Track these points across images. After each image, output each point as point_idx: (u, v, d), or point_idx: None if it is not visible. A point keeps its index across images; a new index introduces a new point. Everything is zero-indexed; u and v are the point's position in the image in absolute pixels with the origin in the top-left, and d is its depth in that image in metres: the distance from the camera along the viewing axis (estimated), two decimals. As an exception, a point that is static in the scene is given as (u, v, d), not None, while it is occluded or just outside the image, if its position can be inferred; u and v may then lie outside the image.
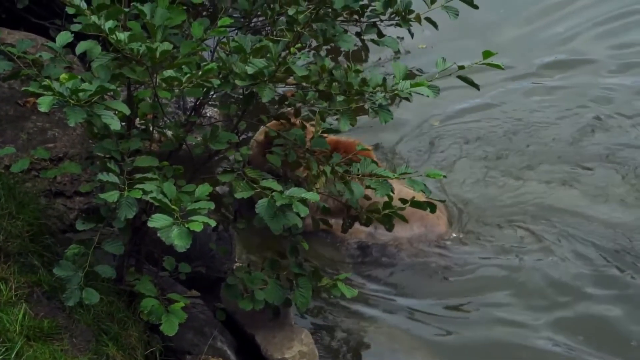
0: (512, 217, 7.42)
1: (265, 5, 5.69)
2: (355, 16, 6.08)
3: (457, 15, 5.76)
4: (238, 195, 4.90)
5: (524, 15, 10.19)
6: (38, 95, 4.32)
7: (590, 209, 7.50)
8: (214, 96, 5.52)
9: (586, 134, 8.41)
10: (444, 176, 5.40)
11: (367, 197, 5.49)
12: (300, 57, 5.02)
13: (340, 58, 8.62)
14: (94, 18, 4.51)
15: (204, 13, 5.93)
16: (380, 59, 8.99)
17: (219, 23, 4.76)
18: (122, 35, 4.52)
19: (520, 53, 9.47)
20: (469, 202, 7.54)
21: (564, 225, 7.29)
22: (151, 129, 5.14)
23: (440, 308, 6.59)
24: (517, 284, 6.77)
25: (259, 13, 5.90)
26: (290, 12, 5.10)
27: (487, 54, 5.00)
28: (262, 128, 6.85)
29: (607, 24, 10.05)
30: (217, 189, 5.42)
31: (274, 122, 5.81)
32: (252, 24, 6.17)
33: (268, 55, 4.88)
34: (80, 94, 4.33)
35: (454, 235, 7.18)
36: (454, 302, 6.65)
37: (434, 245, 7.08)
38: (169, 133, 5.24)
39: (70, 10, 4.62)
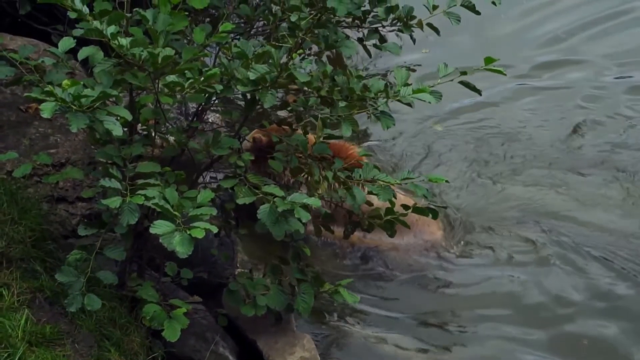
0: (508, 224, 7.32)
1: (267, 11, 5.70)
2: (357, 22, 6.09)
3: (459, 21, 5.77)
4: (240, 201, 4.90)
5: (518, 13, 10.14)
6: (40, 101, 4.33)
7: (587, 216, 7.39)
8: (216, 102, 5.52)
9: (580, 136, 8.35)
10: (447, 181, 5.39)
11: (369, 203, 5.49)
12: (303, 64, 5.02)
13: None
14: (96, 23, 4.52)
15: (207, 20, 5.93)
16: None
17: (221, 28, 4.76)
18: (124, 41, 4.52)
19: (516, 52, 9.44)
20: (462, 209, 7.47)
21: (561, 234, 7.18)
22: (153, 134, 5.14)
23: (440, 318, 6.51)
24: (516, 297, 6.67)
25: (260, 18, 5.91)
26: (293, 18, 5.10)
27: (488, 60, 5.00)
28: (251, 133, 6.86)
29: (600, 24, 10.03)
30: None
31: (267, 127, 5.81)
32: (254, 30, 6.17)
33: (270, 60, 4.88)
34: (83, 100, 4.34)
35: (455, 247, 7.11)
36: (453, 313, 6.57)
37: (432, 257, 7.01)
38: (171, 139, 5.25)
39: (72, 15, 4.63)
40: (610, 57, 9.52)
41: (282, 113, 6.00)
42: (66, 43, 5.02)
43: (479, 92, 5.25)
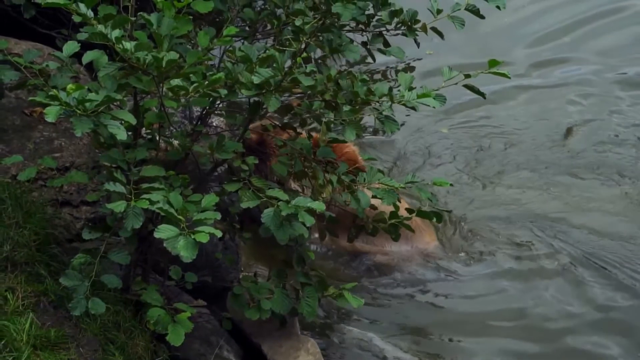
0: (505, 230, 7.27)
1: (271, 15, 5.71)
2: (361, 26, 6.09)
3: (463, 25, 5.76)
4: (244, 205, 4.90)
5: (513, 10, 10.09)
6: (45, 105, 4.33)
7: (584, 219, 7.32)
8: (220, 105, 5.53)
9: (576, 136, 8.30)
10: (451, 184, 5.38)
11: (373, 207, 5.48)
12: (307, 69, 5.03)
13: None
14: (100, 27, 4.52)
15: (207, 27, 5.93)
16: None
17: (225, 32, 4.76)
18: (129, 45, 4.53)
19: (511, 50, 9.41)
20: (458, 212, 7.40)
21: (558, 239, 7.10)
22: (157, 138, 5.14)
23: (441, 329, 6.43)
24: (515, 309, 6.59)
25: (265, 21, 5.92)
26: (297, 22, 5.11)
27: (492, 62, 5.00)
28: None
29: (594, 21, 10.01)
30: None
31: (270, 129, 5.81)
32: (258, 33, 6.18)
33: (274, 65, 4.89)
34: (87, 104, 4.34)
35: (453, 256, 7.04)
36: (454, 324, 6.50)
37: (432, 267, 6.95)
38: (176, 142, 5.25)
39: (76, 19, 4.63)
40: (605, 55, 9.50)
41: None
42: (70, 47, 5.02)
43: (483, 95, 5.24)
